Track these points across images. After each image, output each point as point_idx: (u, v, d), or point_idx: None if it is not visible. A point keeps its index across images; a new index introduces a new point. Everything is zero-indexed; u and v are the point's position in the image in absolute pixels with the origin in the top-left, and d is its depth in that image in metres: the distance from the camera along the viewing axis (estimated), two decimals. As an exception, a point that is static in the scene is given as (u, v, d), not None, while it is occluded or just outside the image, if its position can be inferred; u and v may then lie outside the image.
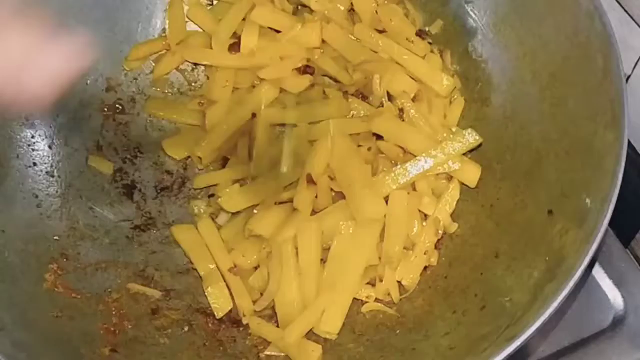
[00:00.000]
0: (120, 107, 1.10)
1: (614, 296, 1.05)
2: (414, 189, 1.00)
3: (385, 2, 1.09)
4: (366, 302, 0.97)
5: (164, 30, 1.14)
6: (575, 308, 1.03)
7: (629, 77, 1.02)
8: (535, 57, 0.99)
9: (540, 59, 0.98)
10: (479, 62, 1.07)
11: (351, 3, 1.09)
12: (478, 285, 0.92)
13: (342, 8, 1.09)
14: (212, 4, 1.16)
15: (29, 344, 0.84)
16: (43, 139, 1.04)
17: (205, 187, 1.09)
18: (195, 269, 1.01)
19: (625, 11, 0.98)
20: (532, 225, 0.92)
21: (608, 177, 0.82)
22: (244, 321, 0.95)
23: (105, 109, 1.10)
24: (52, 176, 1.03)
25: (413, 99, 1.04)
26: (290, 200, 1.00)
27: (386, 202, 0.98)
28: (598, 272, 1.05)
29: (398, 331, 0.93)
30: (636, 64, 1.00)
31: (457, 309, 0.91)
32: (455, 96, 1.08)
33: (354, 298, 0.96)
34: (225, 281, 0.98)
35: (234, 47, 1.09)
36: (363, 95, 1.08)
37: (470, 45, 1.07)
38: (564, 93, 0.94)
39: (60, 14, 1.05)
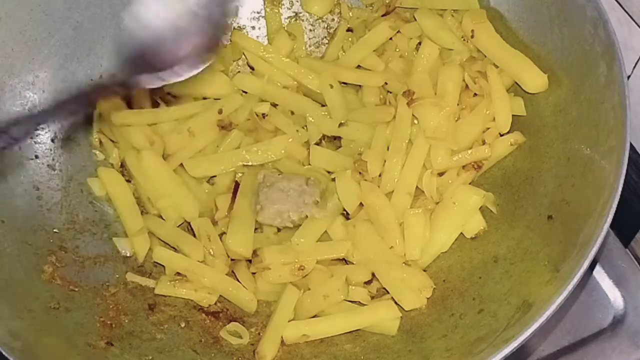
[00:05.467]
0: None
1: (614, 296, 1.05)
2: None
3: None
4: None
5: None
6: (575, 308, 1.03)
7: (629, 77, 1.03)
8: (540, 63, 1.00)
9: (545, 65, 0.99)
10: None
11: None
12: (476, 288, 0.92)
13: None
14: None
15: (24, 334, 0.84)
16: (46, 132, 1.04)
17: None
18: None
19: (625, 11, 0.99)
20: (532, 230, 0.92)
21: (609, 182, 0.82)
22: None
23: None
24: (54, 169, 1.03)
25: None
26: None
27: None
28: (598, 272, 1.06)
29: (395, 333, 0.93)
30: (636, 64, 1.01)
31: (454, 312, 0.91)
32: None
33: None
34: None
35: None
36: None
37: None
38: (567, 99, 0.95)
39: (67, 9, 1.05)
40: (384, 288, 0.96)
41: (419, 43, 1.08)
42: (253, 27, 1.18)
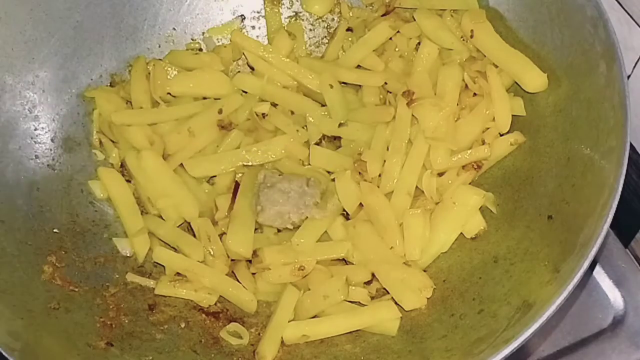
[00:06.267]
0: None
1: (614, 296, 1.05)
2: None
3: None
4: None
5: (168, 28, 1.15)
6: (575, 308, 1.03)
7: (629, 77, 1.03)
8: (540, 63, 0.99)
9: (544, 65, 0.99)
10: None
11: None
12: (476, 289, 0.92)
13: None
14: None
15: (24, 334, 0.84)
16: (46, 132, 1.04)
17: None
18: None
19: (625, 11, 0.99)
20: (532, 230, 0.92)
21: (609, 182, 0.82)
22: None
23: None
24: (54, 169, 1.03)
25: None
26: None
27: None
28: (598, 273, 1.06)
29: (395, 333, 0.93)
30: (636, 64, 1.01)
31: (454, 312, 0.91)
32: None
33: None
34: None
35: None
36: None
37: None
38: (567, 99, 0.95)
39: (67, 9, 1.05)
40: (384, 288, 0.96)
41: (419, 43, 1.08)
42: (253, 27, 1.18)
